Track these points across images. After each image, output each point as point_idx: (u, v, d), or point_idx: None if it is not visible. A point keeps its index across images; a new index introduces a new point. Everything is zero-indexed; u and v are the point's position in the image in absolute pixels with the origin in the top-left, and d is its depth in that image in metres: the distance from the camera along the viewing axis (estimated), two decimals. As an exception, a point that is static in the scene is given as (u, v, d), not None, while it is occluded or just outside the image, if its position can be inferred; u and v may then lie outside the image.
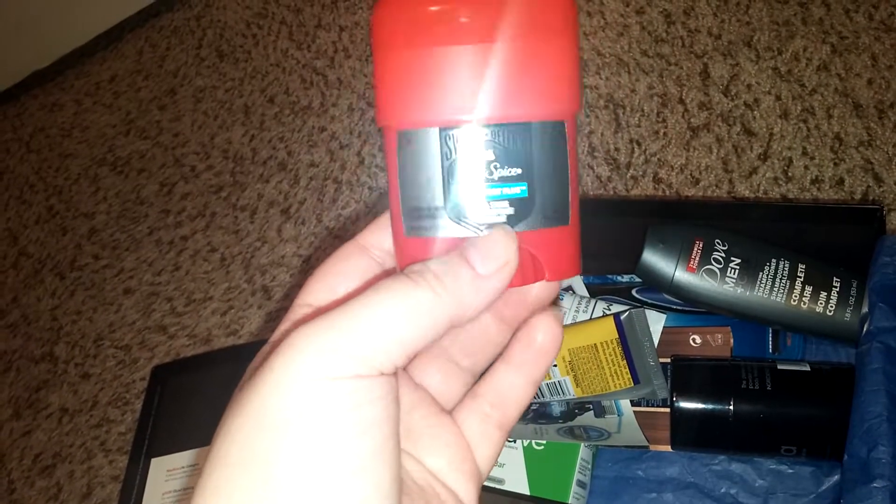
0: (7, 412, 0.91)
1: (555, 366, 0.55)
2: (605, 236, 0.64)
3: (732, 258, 0.55)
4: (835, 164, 0.66)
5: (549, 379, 0.56)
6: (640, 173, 0.72)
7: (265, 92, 0.99)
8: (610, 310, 0.59)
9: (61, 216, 1.03)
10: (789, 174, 0.67)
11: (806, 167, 0.66)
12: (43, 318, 0.96)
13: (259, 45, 1.04)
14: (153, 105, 1.07)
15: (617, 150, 0.74)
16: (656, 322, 0.57)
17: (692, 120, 0.73)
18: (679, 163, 0.71)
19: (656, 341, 0.56)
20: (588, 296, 0.62)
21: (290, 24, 1.04)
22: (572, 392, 0.56)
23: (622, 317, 0.55)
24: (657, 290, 0.59)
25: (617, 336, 0.54)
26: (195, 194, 0.96)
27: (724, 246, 0.56)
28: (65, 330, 0.94)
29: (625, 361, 0.54)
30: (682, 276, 0.56)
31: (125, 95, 1.10)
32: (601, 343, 0.54)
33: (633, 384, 0.54)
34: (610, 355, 0.54)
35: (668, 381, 0.54)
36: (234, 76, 1.03)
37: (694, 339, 0.57)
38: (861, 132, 0.66)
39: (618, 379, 0.54)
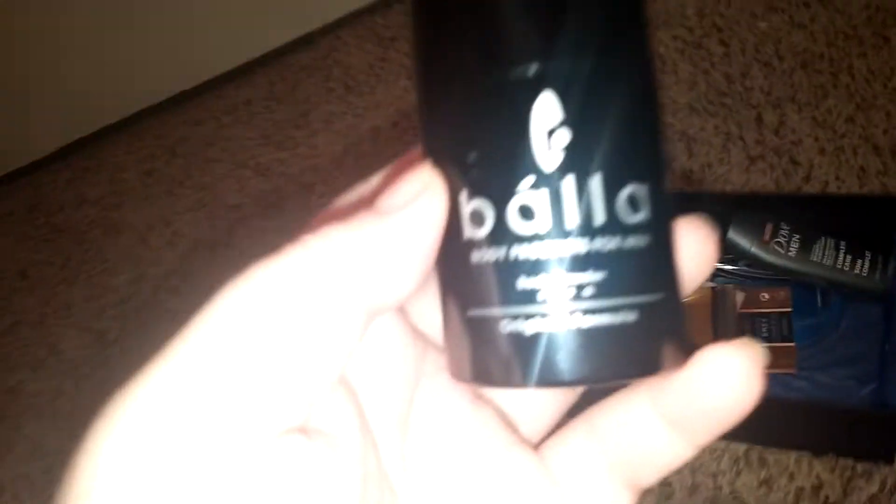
0: None
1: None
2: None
3: (793, 235, 0.77)
4: (860, 187, 0.88)
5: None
6: (711, 189, 0.94)
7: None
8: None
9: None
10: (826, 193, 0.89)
11: (839, 188, 0.89)
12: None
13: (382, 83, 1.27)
14: (289, 125, 1.28)
15: (691, 171, 0.97)
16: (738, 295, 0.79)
17: (750, 152, 0.96)
18: (741, 182, 0.94)
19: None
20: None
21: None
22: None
23: (716, 288, 0.76)
24: (738, 260, 0.80)
25: (710, 302, 0.76)
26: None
27: (786, 227, 0.78)
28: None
29: (709, 326, 0.75)
30: (757, 249, 0.77)
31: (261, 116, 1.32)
32: (694, 302, 0.75)
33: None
34: (700, 313, 0.75)
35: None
36: (360, 105, 1.26)
37: (763, 296, 0.78)
38: (879, 165, 0.89)
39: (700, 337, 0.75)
